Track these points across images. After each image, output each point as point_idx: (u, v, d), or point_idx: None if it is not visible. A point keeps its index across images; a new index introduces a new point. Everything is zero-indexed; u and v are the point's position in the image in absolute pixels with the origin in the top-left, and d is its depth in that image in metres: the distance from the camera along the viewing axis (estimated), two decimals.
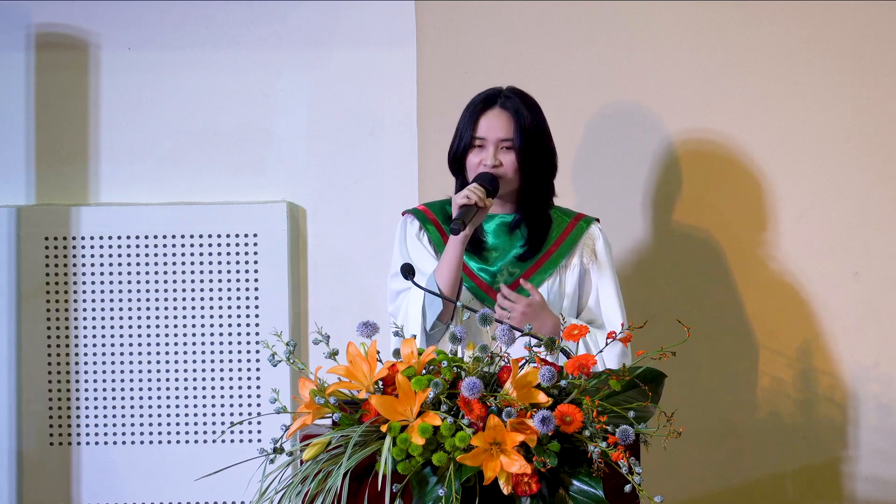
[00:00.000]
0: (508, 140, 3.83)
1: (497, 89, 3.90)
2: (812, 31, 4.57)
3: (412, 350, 3.09)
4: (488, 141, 3.84)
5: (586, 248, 3.91)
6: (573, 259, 3.90)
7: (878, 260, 4.57)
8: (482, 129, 3.85)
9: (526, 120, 3.85)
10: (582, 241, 3.91)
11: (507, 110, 3.85)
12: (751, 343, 4.58)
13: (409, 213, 3.93)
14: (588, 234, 3.92)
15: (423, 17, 4.62)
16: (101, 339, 4.63)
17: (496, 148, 3.83)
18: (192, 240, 4.64)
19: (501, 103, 3.86)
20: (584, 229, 3.92)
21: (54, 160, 4.68)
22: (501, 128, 3.84)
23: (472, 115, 3.86)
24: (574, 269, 3.90)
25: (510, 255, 3.88)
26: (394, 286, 3.86)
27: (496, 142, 3.83)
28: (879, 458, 4.56)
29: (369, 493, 3.01)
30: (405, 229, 3.92)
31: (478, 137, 3.84)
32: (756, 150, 4.58)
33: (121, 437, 4.63)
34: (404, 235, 3.92)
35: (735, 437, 4.58)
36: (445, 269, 3.76)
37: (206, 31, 4.68)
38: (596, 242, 3.92)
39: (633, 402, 3.08)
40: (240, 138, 4.69)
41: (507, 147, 3.83)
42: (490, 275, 3.85)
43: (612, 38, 4.59)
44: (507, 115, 3.85)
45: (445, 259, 3.77)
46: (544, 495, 3.00)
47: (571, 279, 3.89)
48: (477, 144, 3.85)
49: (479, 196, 3.73)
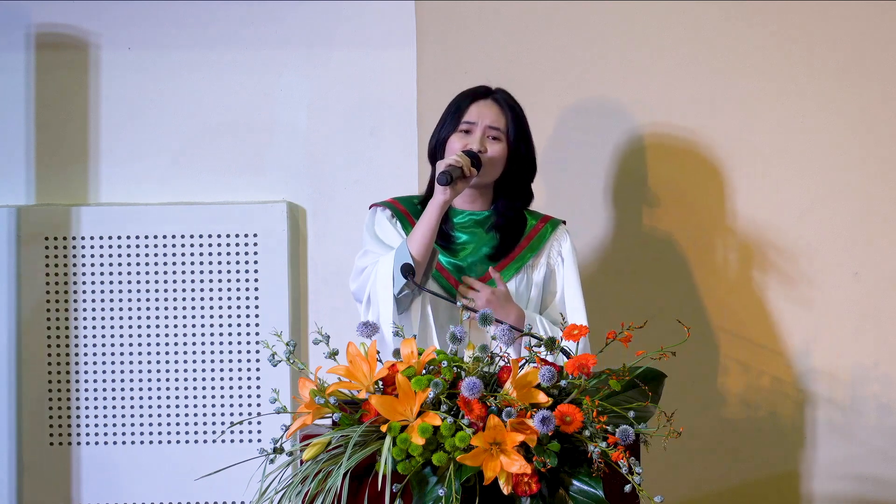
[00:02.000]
0: (498, 129, 3.81)
1: (486, 86, 3.90)
2: (811, 31, 4.58)
3: (412, 350, 3.09)
4: (477, 126, 3.81)
5: (553, 250, 3.91)
6: (540, 259, 3.90)
7: (878, 260, 4.57)
8: (472, 114, 3.83)
9: (519, 116, 3.85)
10: (549, 242, 3.91)
11: (500, 103, 3.85)
12: (751, 343, 4.58)
13: (379, 205, 3.90)
14: (555, 236, 3.92)
15: (423, 17, 4.62)
16: (101, 339, 4.63)
17: (483, 134, 3.82)
18: (192, 240, 4.64)
19: (494, 97, 3.87)
20: (550, 231, 3.92)
21: (54, 160, 4.68)
22: (493, 116, 3.83)
23: (461, 104, 3.84)
24: (540, 269, 3.90)
25: (480, 252, 3.87)
26: (360, 263, 3.82)
27: (485, 128, 3.81)
28: (879, 458, 4.56)
29: (369, 493, 3.01)
30: (375, 218, 3.89)
31: (466, 122, 3.81)
32: (756, 151, 4.58)
33: (121, 437, 4.63)
34: (373, 222, 3.89)
35: (735, 437, 4.58)
36: (418, 233, 3.72)
37: (206, 31, 4.68)
38: (562, 244, 3.92)
39: (633, 402, 3.08)
40: (240, 138, 4.69)
41: (494, 137, 3.82)
42: (458, 269, 3.84)
43: (613, 38, 4.59)
44: (499, 107, 3.85)
45: (422, 222, 3.73)
46: (544, 495, 3.00)
47: (537, 278, 3.89)
48: (463, 129, 3.82)
49: (465, 163, 3.71)
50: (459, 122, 3.82)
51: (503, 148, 3.82)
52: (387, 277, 3.71)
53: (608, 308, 4.54)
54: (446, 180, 3.65)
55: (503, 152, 3.82)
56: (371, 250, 3.83)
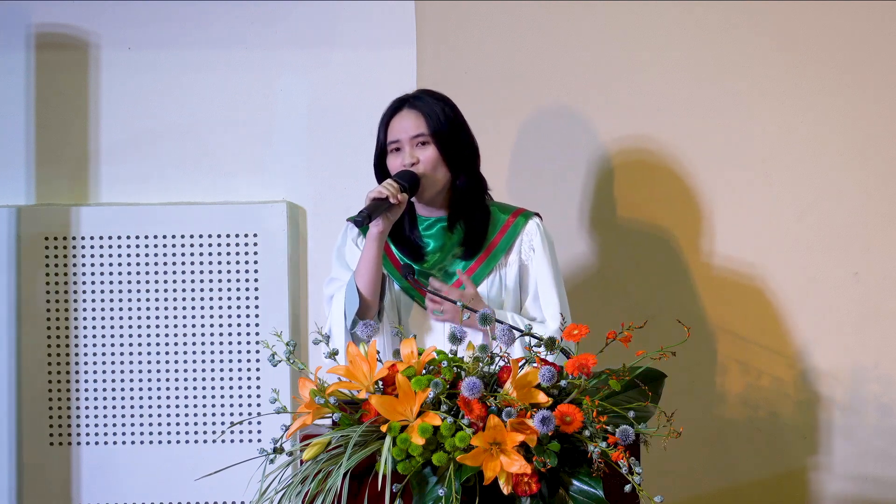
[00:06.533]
0: (421, 135, 3.83)
1: (405, 94, 3.91)
2: (810, 31, 4.58)
3: (412, 350, 3.09)
4: (402, 141, 3.84)
5: (524, 245, 3.90)
6: (511, 256, 3.89)
7: (878, 260, 4.57)
8: (394, 131, 3.85)
9: (437, 113, 3.85)
10: (519, 237, 3.90)
11: (415, 108, 3.86)
12: (751, 343, 4.58)
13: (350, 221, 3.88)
14: (525, 231, 3.90)
15: (423, 17, 4.62)
16: (101, 339, 4.63)
17: (411, 146, 3.83)
18: (192, 240, 4.64)
19: (409, 104, 3.88)
20: (521, 225, 3.91)
21: (54, 160, 4.68)
22: (412, 125, 3.84)
23: (382, 123, 3.88)
24: (513, 266, 3.89)
25: (450, 255, 3.87)
26: (327, 291, 3.87)
27: (409, 140, 3.83)
28: (879, 458, 4.56)
29: (369, 493, 3.01)
30: (345, 236, 3.94)
31: (392, 141, 3.85)
32: (756, 151, 4.58)
33: (121, 437, 4.63)
34: (344, 242, 3.93)
35: (735, 437, 4.58)
36: (362, 268, 3.78)
37: (206, 31, 4.68)
38: (533, 238, 3.89)
39: (633, 402, 3.08)
40: (240, 138, 4.69)
41: (422, 143, 3.84)
42: (427, 277, 3.85)
43: (614, 37, 4.59)
44: (415, 112, 3.85)
45: (362, 259, 3.78)
46: (544, 495, 3.00)
47: (511, 276, 3.88)
48: (393, 148, 3.85)
49: (391, 192, 3.73)
50: (388, 143, 3.86)
51: (433, 150, 3.84)
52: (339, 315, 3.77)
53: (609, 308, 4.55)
54: (361, 220, 3.70)
55: (435, 153, 3.83)
56: (335, 277, 3.88)
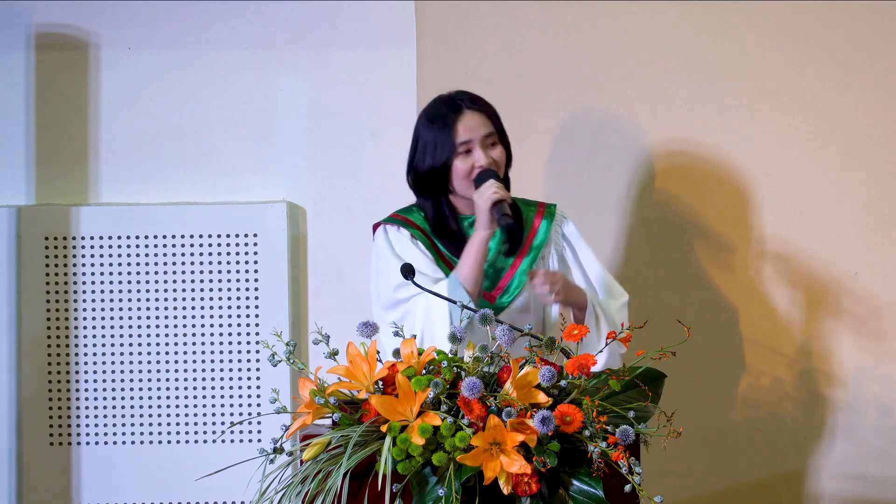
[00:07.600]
0: (491, 135, 3.81)
1: (449, 96, 3.86)
2: (810, 32, 4.58)
3: (412, 350, 3.09)
4: (474, 142, 3.80)
5: (556, 235, 3.92)
6: (549, 248, 3.92)
7: (878, 260, 4.57)
8: (462, 132, 3.80)
9: (495, 113, 3.85)
10: (552, 230, 3.92)
11: (478, 109, 3.83)
12: (750, 343, 4.58)
13: (391, 224, 3.86)
14: (555, 223, 3.93)
15: (423, 17, 4.62)
16: (101, 339, 4.63)
17: (483, 147, 3.81)
18: (192, 240, 4.64)
19: (467, 105, 3.83)
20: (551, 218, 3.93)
21: (54, 160, 4.68)
22: (482, 125, 3.81)
23: (443, 124, 3.80)
24: (553, 258, 3.92)
25: (496, 248, 3.88)
26: (399, 295, 3.77)
27: (481, 140, 3.81)
28: (879, 458, 4.56)
29: (369, 493, 3.01)
30: (389, 239, 3.85)
31: (462, 142, 3.79)
32: (756, 151, 4.58)
33: (121, 437, 4.63)
34: (392, 244, 3.84)
35: (735, 437, 4.58)
36: (474, 269, 3.74)
37: (206, 31, 4.68)
38: (563, 228, 3.94)
39: (633, 402, 3.08)
40: (240, 138, 4.69)
41: (492, 143, 3.82)
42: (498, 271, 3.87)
43: (613, 37, 4.59)
44: (479, 113, 3.83)
45: (473, 259, 3.74)
46: (544, 495, 3.00)
47: (552, 266, 3.90)
48: (464, 150, 3.80)
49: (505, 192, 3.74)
50: (456, 144, 3.80)
51: (501, 150, 3.84)
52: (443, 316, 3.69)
53: None
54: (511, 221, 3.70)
55: (503, 153, 3.84)
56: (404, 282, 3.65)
